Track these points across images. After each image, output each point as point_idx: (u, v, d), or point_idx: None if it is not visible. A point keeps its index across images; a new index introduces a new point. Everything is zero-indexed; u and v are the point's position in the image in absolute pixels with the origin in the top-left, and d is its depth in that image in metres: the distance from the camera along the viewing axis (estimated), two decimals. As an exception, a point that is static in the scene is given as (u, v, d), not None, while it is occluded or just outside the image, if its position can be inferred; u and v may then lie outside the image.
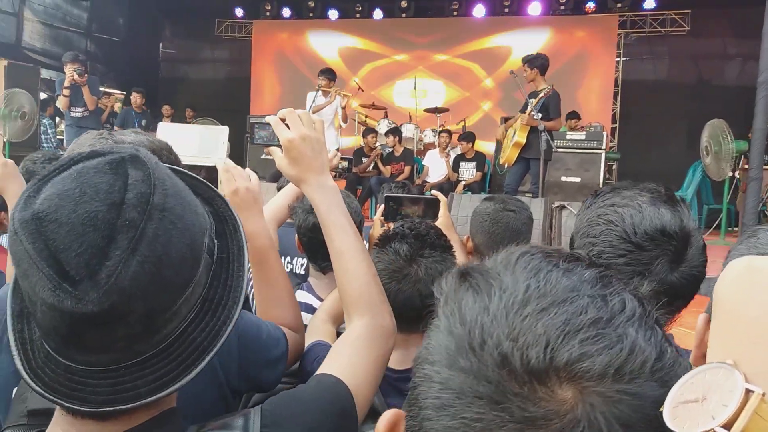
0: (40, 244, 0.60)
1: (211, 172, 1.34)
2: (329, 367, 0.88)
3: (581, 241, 0.93)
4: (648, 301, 0.44)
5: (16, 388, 0.89)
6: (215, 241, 0.75)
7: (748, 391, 0.37)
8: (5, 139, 6.84)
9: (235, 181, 1.23)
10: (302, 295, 1.67)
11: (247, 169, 1.32)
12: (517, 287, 0.43)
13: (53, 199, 0.61)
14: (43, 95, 8.39)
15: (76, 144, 1.14)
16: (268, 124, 1.02)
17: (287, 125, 1.01)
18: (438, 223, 1.54)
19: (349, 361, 0.90)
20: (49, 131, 8.38)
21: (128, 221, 0.61)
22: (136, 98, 8.40)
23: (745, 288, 0.40)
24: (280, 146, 1.01)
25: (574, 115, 8.80)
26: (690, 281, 0.89)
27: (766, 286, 0.39)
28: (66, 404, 0.64)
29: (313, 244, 1.62)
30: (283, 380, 1.16)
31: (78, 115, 6.58)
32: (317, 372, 0.88)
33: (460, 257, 1.58)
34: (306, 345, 1.26)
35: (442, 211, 1.63)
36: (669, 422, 0.37)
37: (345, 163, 7.97)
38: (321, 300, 1.60)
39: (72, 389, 0.64)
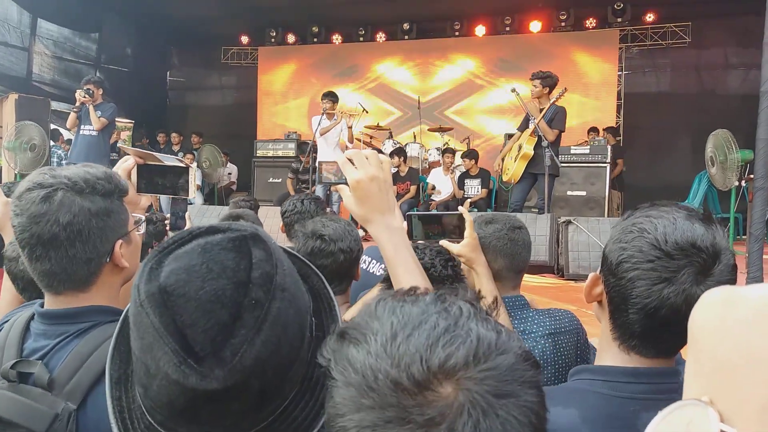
0: (167, 319, 0.60)
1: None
2: None
3: (613, 246, 0.95)
4: (476, 301, 0.56)
5: None
6: (313, 319, 0.75)
7: None
8: (16, 171, 6.95)
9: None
10: None
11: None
12: (384, 327, 0.52)
13: (180, 274, 0.62)
14: (53, 126, 8.52)
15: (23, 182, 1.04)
16: (335, 162, 1.01)
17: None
18: (464, 244, 1.46)
19: None
20: (63, 161, 8.45)
21: (254, 300, 0.62)
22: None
23: (720, 323, 0.38)
24: (347, 184, 0.99)
25: (594, 131, 8.84)
26: None
27: (741, 321, 0.37)
28: None
29: None
30: None
31: (86, 132, 6.47)
32: None
33: (488, 284, 1.46)
34: None
35: (468, 231, 1.49)
36: None
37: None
38: None
39: None
